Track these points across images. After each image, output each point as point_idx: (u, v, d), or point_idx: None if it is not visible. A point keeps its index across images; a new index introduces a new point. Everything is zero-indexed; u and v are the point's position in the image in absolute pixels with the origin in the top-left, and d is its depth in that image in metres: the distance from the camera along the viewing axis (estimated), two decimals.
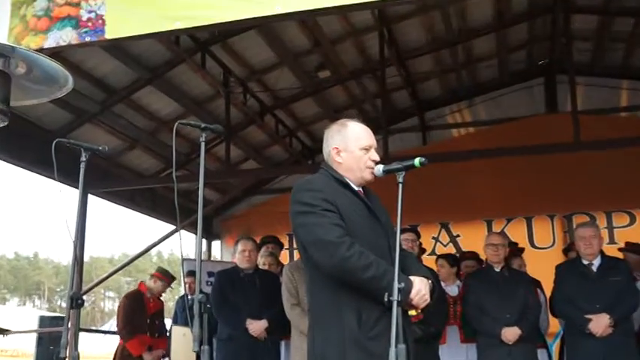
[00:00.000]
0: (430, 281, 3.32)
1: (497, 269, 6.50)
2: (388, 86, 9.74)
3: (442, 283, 7.14)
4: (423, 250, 7.80)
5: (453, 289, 7.33)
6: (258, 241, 7.51)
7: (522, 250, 8.28)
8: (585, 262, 6.27)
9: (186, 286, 8.58)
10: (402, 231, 6.42)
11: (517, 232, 10.30)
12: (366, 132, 3.50)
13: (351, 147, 3.42)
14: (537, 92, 11.00)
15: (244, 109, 9.66)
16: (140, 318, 7.63)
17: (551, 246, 10.35)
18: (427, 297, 3.26)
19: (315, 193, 3.26)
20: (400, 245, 3.13)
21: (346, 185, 3.37)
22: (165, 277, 7.97)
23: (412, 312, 3.25)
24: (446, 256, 7.77)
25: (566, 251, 8.27)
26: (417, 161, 3.26)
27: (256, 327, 6.61)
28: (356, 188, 3.40)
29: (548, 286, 6.94)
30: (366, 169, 3.41)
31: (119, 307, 7.90)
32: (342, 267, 3.10)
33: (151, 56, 8.25)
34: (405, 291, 3.08)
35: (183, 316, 8.40)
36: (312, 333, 3.33)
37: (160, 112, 9.32)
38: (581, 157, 9.15)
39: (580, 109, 8.60)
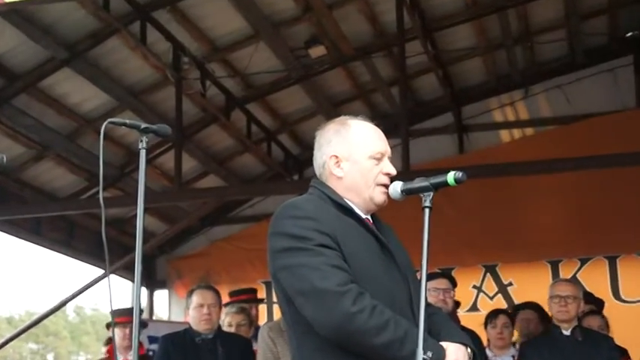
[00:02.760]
0: (469, 350, 3.33)
1: (567, 332, 6.50)
2: (409, 69, 9.76)
3: (488, 353, 7.13)
4: (457, 304, 7.83)
5: None
6: (221, 293, 7.49)
7: (602, 304, 8.27)
8: None
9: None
10: (430, 277, 6.49)
11: (595, 279, 10.32)
12: (376, 134, 3.50)
13: (355, 155, 3.42)
14: (624, 77, 11.04)
15: (203, 103, 9.67)
16: None
17: None
18: None
19: (305, 221, 3.25)
20: (426, 298, 3.13)
21: (348, 211, 3.39)
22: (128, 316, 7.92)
23: None
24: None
25: None
26: (450, 177, 3.26)
27: None
28: (362, 215, 3.42)
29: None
30: (376, 188, 3.40)
31: None
32: (346, 327, 3.09)
33: (70, 27, 8.26)
34: None
35: None
36: None
37: (81, 106, 9.32)
38: None
39: None
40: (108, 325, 8.48)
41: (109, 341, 8.88)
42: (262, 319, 9.85)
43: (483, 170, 8.80)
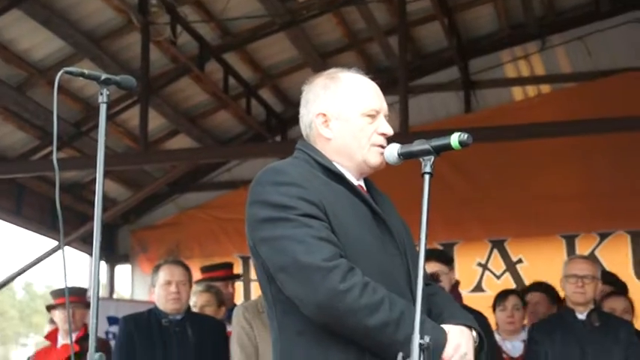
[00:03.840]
0: (475, 332, 3.36)
1: (582, 315, 6.55)
2: (410, 16, 9.73)
3: (497, 337, 7.18)
4: (456, 283, 7.85)
5: (515, 347, 7.38)
6: (192, 268, 7.51)
7: (625, 288, 8.28)
8: None
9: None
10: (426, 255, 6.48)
11: (615, 256, 10.39)
12: (371, 88, 3.52)
13: (346, 112, 3.44)
14: None
15: (173, 51, 9.64)
16: None
17: None
18: (470, 357, 3.30)
19: (289, 187, 3.27)
20: (425, 277, 3.15)
21: (339, 177, 3.40)
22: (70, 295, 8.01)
23: None
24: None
25: None
26: (454, 139, 3.26)
27: None
28: (355, 182, 3.45)
29: None
30: (370, 149, 3.41)
31: None
32: (334, 307, 3.12)
33: None
34: (436, 346, 3.11)
35: None
36: None
37: (32, 53, 9.29)
38: None
39: None
40: (48, 308, 8.50)
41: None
42: (238, 298, 9.89)
43: (493, 132, 8.82)
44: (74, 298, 7.81)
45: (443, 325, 3.28)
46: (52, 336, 8.10)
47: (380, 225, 3.37)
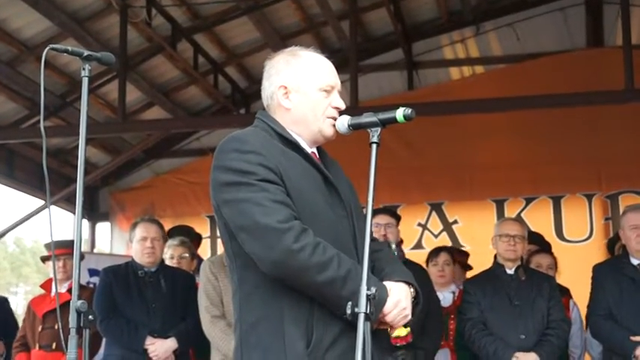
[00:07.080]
0: (412, 289, 3.36)
1: (510, 271, 6.59)
2: (360, 3, 9.71)
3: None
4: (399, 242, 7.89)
5: (445, 298, 7.42)
6: (165, 226, 7.48)
7: (549, 246, 8.34)
8: (636, 263, 6.41)
9: None
10: (374, 213, 6.50)
11: (539, 218, 10.46)
12: (327, 66, 3.51)
13: (305, 86, 3.43)
14: (574, 17, 11.09)
15: (148, 32, 9.57)
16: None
17: (586, 239, 10.53)
18: (408, 312, 3.32)
19: (250, 155, 3.25)
20: (371, 235, 3.16)
21: (294, 145, 3.39)
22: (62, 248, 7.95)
23: (399, 332, 3.26)
24: (450, 249, 7.97)
25: (611, 245, 8.39)
26: (400, 114, 3.25)
27: (160, 348, 6.61)
28: (308, 149, 3.43)
29: (582, 296, 7.04)
30: (325, 120, 3.42)
31: None
32: (287, 264, 3.12)
33: None
34: (378, 301, 3.14)
35: None
36: (239, 356, 3.35)
37: (22, 32, 9.18)
38: (636, 111, 9.28)
39: (637, 42, 8.70)
40: (43, 259, 8.43)
41: None
42: (206, 254, 9.87)
43: (432, 107, 8.84)
44: (67, 250, 7.72)
45: (385, 283, 3.29)
46: (47, 285, 8.04)
47: (330, 189, 3.37)
